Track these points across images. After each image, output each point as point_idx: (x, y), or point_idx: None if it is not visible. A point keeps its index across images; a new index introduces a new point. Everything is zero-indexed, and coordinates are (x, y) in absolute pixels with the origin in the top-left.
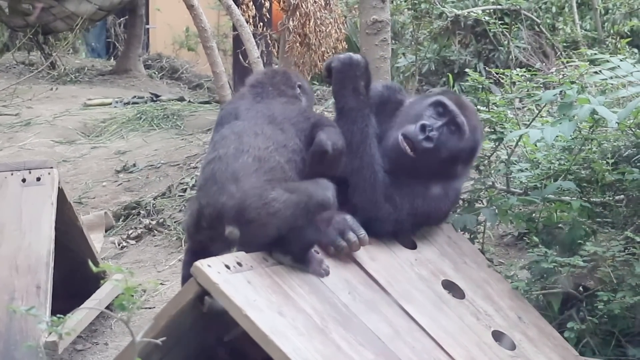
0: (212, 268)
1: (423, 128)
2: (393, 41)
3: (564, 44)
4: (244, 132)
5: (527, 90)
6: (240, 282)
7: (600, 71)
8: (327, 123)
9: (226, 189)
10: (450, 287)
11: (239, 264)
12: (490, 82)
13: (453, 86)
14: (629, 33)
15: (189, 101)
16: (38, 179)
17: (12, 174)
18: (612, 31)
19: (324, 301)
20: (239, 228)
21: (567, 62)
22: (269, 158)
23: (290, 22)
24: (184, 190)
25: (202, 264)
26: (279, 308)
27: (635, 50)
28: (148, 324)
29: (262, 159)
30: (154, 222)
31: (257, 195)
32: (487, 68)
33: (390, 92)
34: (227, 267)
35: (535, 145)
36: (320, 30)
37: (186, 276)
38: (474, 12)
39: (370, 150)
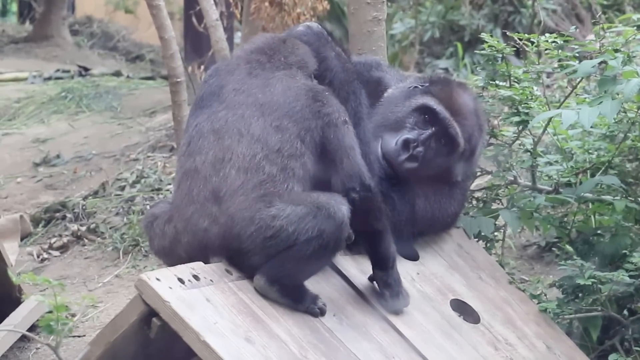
0: (162, 282)
1: (406, 145)
2: (387, 3)
3: (604, 4)
4: (226, 130)
5: (559, 61)
6: (197, 300)
7: None
8: (343, 135)
9: (207, 212)
10: (462, 308)
11: (196, 277)
12: (513, 50)
13: (463, 58)
14: None
15: (127, 76)
16: None
17: None
18: None
19: (302, 325)
20: (227, 259)
21: (608, 27)
22: (257, 169)
23: None
24: (122, 189)
25: (149, 277)
26: (247, 333)
27: None
28: (81, 352)
29: (248, 170)
30: (83, 229)
31: (248, 218)
32: (508, 33)
33: (364, 70)
34: (181, 281)
35: (568, 131)
36: None
37: None
38: None
39: (365, 136)
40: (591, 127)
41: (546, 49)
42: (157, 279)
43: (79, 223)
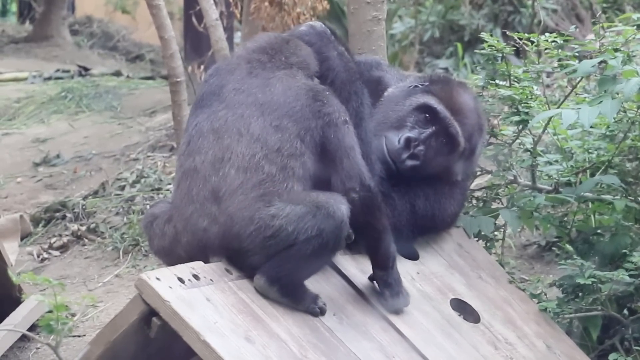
0: (162, 282)
1: (408, 143)
2: (388, 0)
3: (604, 4)
4: (226, 130)
5: (559, 61)
6: (197, 300)
7: None
8: (343, 135)
9: (207, 211)
10: (462, 307)
11: (196, 276)
12: (512, 49)
13: (463, 58)
14: None
15: (127, 76)
16: None
17: None
18: None
19: (302, 324)
20: (226, 259)
21: (608, 26)
22: (257, 168)
23: None
24: (122, 188)
25: (149, 277)
26: (247, 332)
27: None
28: (81, 351)
29: (247, 169)
30: (83, 228)
31: (247, 218)
32: (507, 33)
33: (365, 69)
34: (181, 280)
35: (568, 131)
36: None
37: None
38: None
39: (367, 136)
40: (591, 126)
41: (546, 49)
42: (157, 279)
43: (79, 223)
